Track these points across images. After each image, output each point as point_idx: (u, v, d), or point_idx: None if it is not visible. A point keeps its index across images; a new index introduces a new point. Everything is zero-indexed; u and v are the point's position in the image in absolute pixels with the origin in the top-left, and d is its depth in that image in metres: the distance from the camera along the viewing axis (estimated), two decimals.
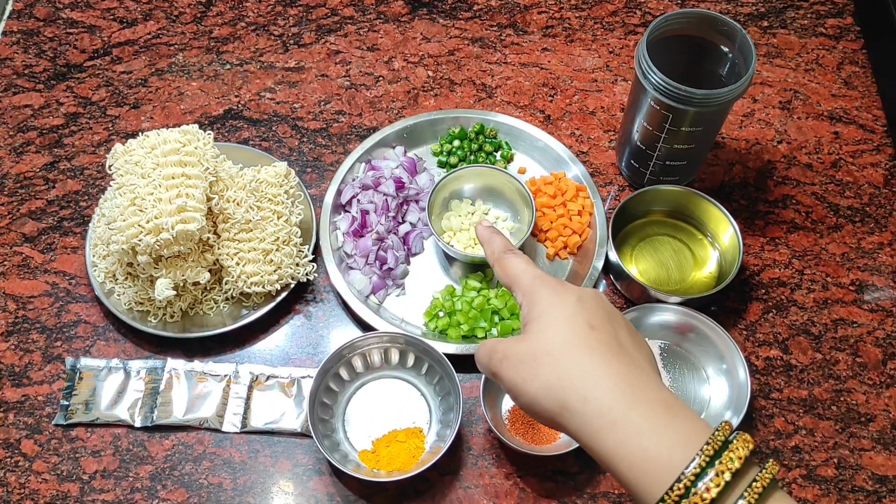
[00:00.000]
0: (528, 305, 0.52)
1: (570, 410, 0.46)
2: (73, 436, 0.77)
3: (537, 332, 0.50)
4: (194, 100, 0.97)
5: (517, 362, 0.49)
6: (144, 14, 1.04)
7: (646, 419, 0.45)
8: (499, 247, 0.57)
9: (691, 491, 0.42)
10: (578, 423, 0.46)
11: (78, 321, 0.83)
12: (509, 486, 0.74)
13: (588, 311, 0.49)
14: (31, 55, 1.01)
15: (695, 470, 0.42)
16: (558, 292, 0.51)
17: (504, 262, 0.55)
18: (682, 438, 0.44)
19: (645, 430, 0.44)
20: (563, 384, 0.47)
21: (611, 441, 0.45)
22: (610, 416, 0.45)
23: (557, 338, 0.48)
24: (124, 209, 0.74)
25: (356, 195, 0.88)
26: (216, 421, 0.77)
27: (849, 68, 1.00)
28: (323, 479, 0.75)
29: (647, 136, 0.81)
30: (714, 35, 0.79)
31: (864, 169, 0.93)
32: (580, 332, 0.48)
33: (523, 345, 0.50)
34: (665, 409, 0.45)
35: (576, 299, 0.50)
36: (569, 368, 0.47)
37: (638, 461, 0.44)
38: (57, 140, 0.94)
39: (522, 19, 1.04)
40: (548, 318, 0.50)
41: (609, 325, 0.49)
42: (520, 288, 0.53)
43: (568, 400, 0.46)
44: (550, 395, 0.47)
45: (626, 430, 0.45)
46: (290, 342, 0.82)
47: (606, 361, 0.47)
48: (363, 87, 0.99)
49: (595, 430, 0.46)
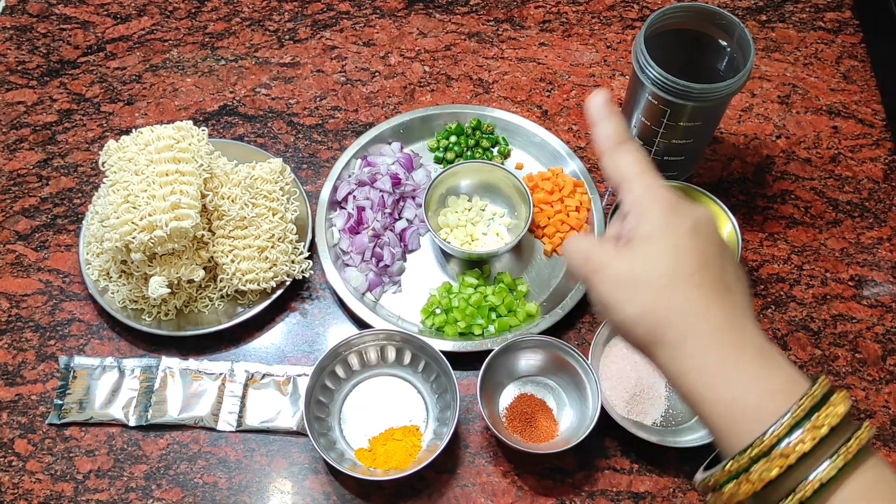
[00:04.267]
0: (635, 217, 0.47)
1: (665, 345, 0.45)
2: (67, 435, 0.76)
3: (642, 254, 0.46)
4: (189, 96, 0.97)
5: (614, 280, 0.47)
6: (138, 10, 1.03)
7: (742, 367, 0.43)
8: (610, 135, 0.50)
9: (782, 442, 0.40)
10: (670, 358, 0.45)
11: (72, 319, 0.82)
12: (506, 485, 0.74)
13: (701, 246, 0.46)
14: (24, 51, 1.00)
15: (789, 422, 0.40)
16: (673, 212, 0.47)
17: (617, 156, 0.49)
18: (778, 389, 0.42)
19: (740, 377, 0.43)
20: (662, 318, 0.45)
21: (701, 383, 0.44)
22: (705, 358, 0.44)
23: (664, 268, 0.45)
24: (118, 206, 0.73)
25: (352, 191, 0.87)
26: (211, 420, 0.76)
27: (848, 62, 0.99)
28: (319, 478, 0.75)
29: (644, 131, 0.81)
30: (712, 29, 0.78)
31: (863, 163, 0.92)
32: (689, 267, 0.45)
33: (624, 263, 0.47)
34: (763, 358, 0.44)
35: (690, 228, 0.46)
36: (670, 302, 0.45)
37: (728, 407, 0.43)
38: (50, 137, 0.93)
39: (519, 14, 1.04)
40: (657, 244, 0.46)
41: (720, 262, 0.47)
42: (630, 193, 0.48)
43: (664, 334, 0.45)
44: (646, 325, 0.45)
45: (720, 375, 0.43)
46: (286, 340, 0.82)
47: (710, 303, 0.45)
48: (359, 82, 0.98)
49: (686, 369, 0.44)
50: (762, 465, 0.40)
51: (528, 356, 0.77)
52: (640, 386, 0.76)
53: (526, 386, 0.78)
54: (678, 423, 0.76)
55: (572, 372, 0.75)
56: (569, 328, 0.82)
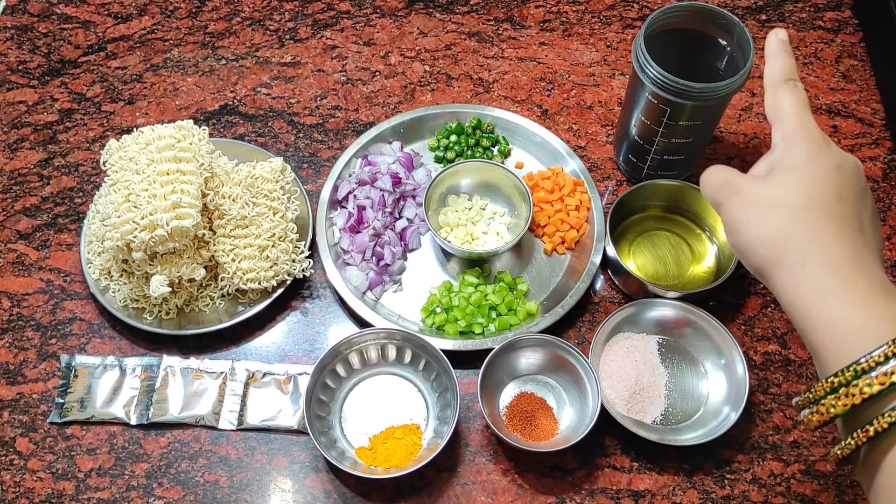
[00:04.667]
0: (783, 150, 0.50)
1: (786, 267, 0.46)
2: (68, 434, 0.76)
3: (783, 182, 0.48)
4: (189, 95, 0.97)
5: (749, 202, 0.49)
6: (139, 9, 1.03)
7: (859, 294, 0.44)
8: (780, 70, 0.53)
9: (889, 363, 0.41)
10: (788, 280, 0.46)
11: (73, 318, 0.82)
12: (507, 483, 0.74)
13: (842, 182, 0.48)
14: (25, 51, 1.00)
15: (888, 351, 0.41)
16: (820, 150, 0.49)
17: (778, 92, 0.52)
18: (892, 320, 0.43)
19: (856, 303, 0.44)
20: (789, 240, 0.46)
21: (816, 305, 0.45)
22: (823, 281, 0.45)
23: (801, 195, 0.47)
24: (119, 205, 0.73)
25: (352, 191, 0.87)
26: (212, 418, 0.77)
27: (847, 62, 0.99)
28: (320, 477, 0.75)
29: (644, 130, 0.81)
30: (712, 28, 0.78)
31: (862, 163, 0.92)
32: (827, 199, 0.47)
33: (763, 188, 0.49)
34: (881, 290, 0.45)
35: (836, 165, 0.48)
36: (800, 227, 0.46)
37: (836, 331, 0.44)
38: (51, 136, 0.94)
39: (519, 13, 1.04)
40: (799, 173, 0.48)
41: (858, 202, 0.48)
42: (782, 128, 0.51)
43: (787, 256, 0.46)
44: (771, 247, 0.47)
45: (836, 298, 0.44)
46: (287, 339, 0.82)
47: (841, 234, 0.46)
48: (359, 82, 0.98)
49: (804, 291, 0.45)
50: (864, 381, 0.42)
51: (529, 355, 0.78)
52: (639, 384, 0.76)
53: (526, 384, 0.78)
54: (678, 421, 0.76)
55: (572, 370, 0.76)
56: (569, 327, 0.82)
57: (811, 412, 0.45)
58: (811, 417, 0.45)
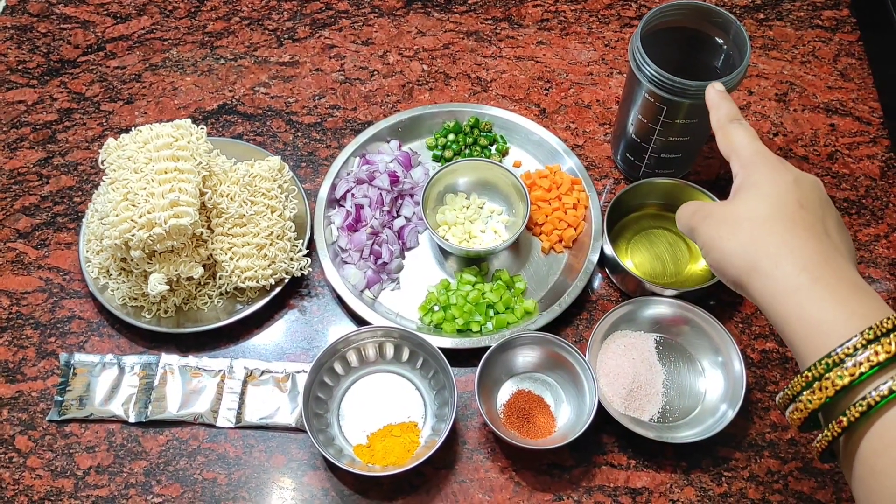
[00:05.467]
0: (743, 176, 0.54)
1: (759, 272, 0.49)
2: (67, 431, 0.77)
3: (747, 199, 0.52)
4: (188, 95, 0.97)
5: (719, 221, 0.52)
6: (138, 9, 1.04)
7: (830, 291, 0.46)
8: (725, 114, 0.58)
9: (858, 354, 0.42)
10: (762, 284, 0.48)
11: (72, 317, 0.83)
12: (504, 480, 0.74)
13: (801, 192, 0.51)
14: (25, 51, 1.00)
15: (866, 337, 0.43)
16: (777, 169, 0.53)
17: (728, 130, 0.57)
18: (863, 314, 0.44)
19: (826, 299, 0.46)
20: (759, 248, 0.49)
21: (790, 304, 0.47)
22: (796, 281, 0.47)
23: (764, 207, 0.51)
24: (117, 204, 0.73)
25: (350, 189, 0.87)
26: (210, 416, 0.77)
27: (845, 60, 1.00)
28: (318, 474, 0.75)
29: (641, 128, 0.81)
30: (708, 27, 0.78)
31: (860, 161, 0.92)
32: (789, 207, 0.50)
33: (729, 207, 0.53)
34: (852, 287, 0.46)
35: (793, 179, 0.52)
36: (768, 235, 0.49)
37: (812, 326, 0.45)
38: (50, 136, 0.94)
39: (517, 13, 1.04)
40: (759, 189, 0.52)
41: (819, 209, 0.51)
42: (739, 159, 0.55)
43: (760, 261, 0.49)
44: (743, 256, 0.50)
45: (808, 296, 0.46)
46: (285, 337, 0.82)
47: (807, 238, 0.49)
48: (358, 81, 0.98)
49: (778, 292, 0.48)
50: (835, 373, 0.43)
51: (526, 353, 0.78)
52: (637, 382, 0.76)
53: (523, 382, 0.78)
54: (675, 419, 0.76)
55: (570, 368, 0.76)
56: (566, 325, 0.82)
57: (792, 409, 0.46)
58: (793, 416, 0.46)
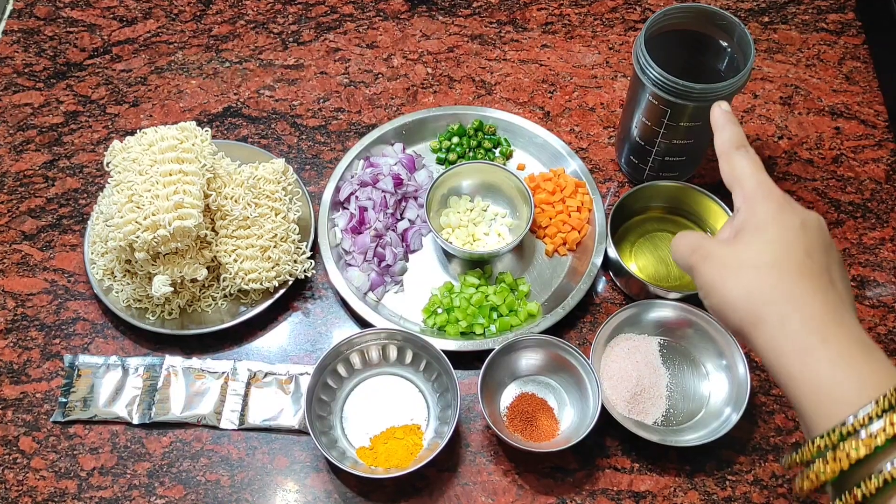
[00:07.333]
0: (747, 211, 0.51)
1: (765, 325, 0.47)
2: (70, 433, 0.77)
3: (751, 242, 0.49)
4: (193, 98, 0.97)
5: (721, 264, 0.50)
6: (144, 12, 1.04)
7: (840, 353, 0.44)
8: (729, 138, 0.55)
9: (872, 425, 0.41)
10: (768, 339, 0.46)
11: (76, 318, 0.83)
12: (507, 483, 0.74)
13: (808, 239, 0.49)
14: (32, 54, 1.01)
15: (881, 406, 0.41)
16: (783, 209, 0.50)
17: (733, 158, 0.54)
18: (873, 378, 0.43)
19: (837, 362, 0.44)
20: (765, 299, 0.47)
21: (798, 365, 0.45)
22: (805, 341, 0.45)
23: (771, 254, 0.48)
24: (122, 206, 0.74)
25: (354, 192, 0.87)
26: (214, 418, 0.77)
27: (850, 63, 0.99)
28: (321, 476, 0.75)
29: (645, 131, 0.81)
30: (713, 29, 0.78)
31: (865, 164, 0.92)
32: (796, 256, 0.48)
33: (733, 250, 0.50)
34: (861, 348, 0.45)
35: (800, 223, 0.49)
36: (775, 286, 0.47)
37: (822, 389, 0.44)
38: (56, 138, 0.94)
39: (522, 16, 1.04)
40: (766, 233, 0.49)
41: (825, 257, 0.49)
42: (742, 190, 0.52)
43: (766, 315, 0.47)
44: (748, 306, 0.47)
45: (817, 358, 0.44)
46: (288, 339, 0.82)
47: (815, 290, 0.47)
48: (362, 84, 0.98)
49: (785, 350, 0.46)
50: (850, 444, 0.41)
51: (529, 355, 0.78)
52: (640, 385, 0.76)
53: (527, 385, 0.78)
54: (679, 422, 0.76)
55: (573, 371, 0.76)
56: (570, 328, 0.82)
57: (802, 478, 0.45)
58: (803, 484, 0.45)
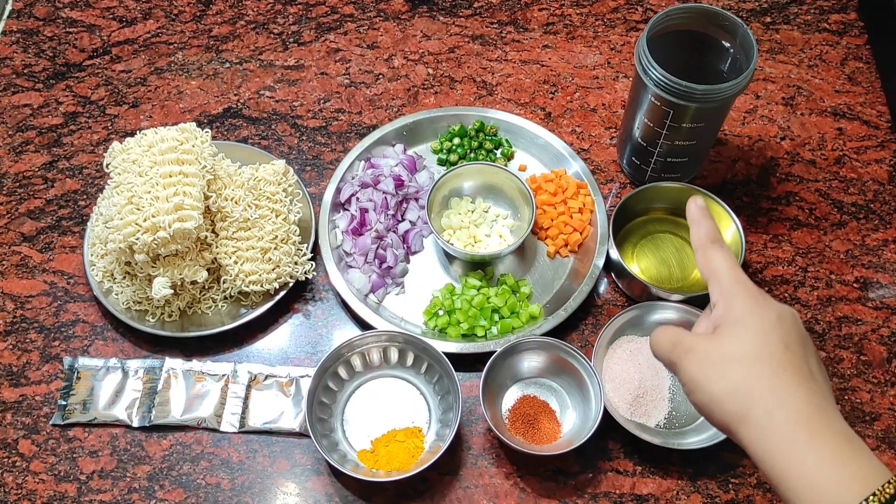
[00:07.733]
0: (724, 307, 0.52)
1: (752, 421, 0.47)
2: (70, 436, 0.76)
3: (731, 336, 0.50)
4: (193, 98, 0.97)
5: (703, 360, 0.50)
6: (144, 13, 1.04)
7: (828, 449, 0.45)
8: (705, 233, 0.57)
9: None
10: (756, 435, 0.47)
11: (76, 321, 0.83)
12: (509, 486, 0.74)
13: (785, 331, 0.50)
14: (31, 54, 1.01)
15: None
16: (759, 304, 0.51)
17: (709, 252, 0.55)
18: (861, 474, 0.44)
19: (825, 458, 0.45)
20: (751, 394, 0.48)
21: (787, 460, 0.46)
22: (793, 436, 0.46)
23: (751, 348, 0.49)
24: (121, 208, 0.73)
25: (355, 193, 0.87)
26: (214, 421, 0.76)
27: (853, 64, 0.99)
28: (321, 479, 0.75)
29: (648, 132, 0.81)
30: (715, 30, 0.78)
31: (868, 165, 0.92)
32: (775, 349, 0.49)
33: (714, 345, 0.51)
34: (847, 443, 0.46)
35: (776, 316, 0.51)
36: (758, 380, 0.48)
37: (812, 487, 0.45)
38: (56, 139, 0.94)
39: (523, 16, 1.04)
40: (744, 327, 0.50)
41: (802, 348, 0.50)
42: (719, 285, 0.53)
43: (752, 409, 0.47)
44: (733, 401, 0.48)
45: (805, 453, 0.45)
46: (289, 341, 0.82)
47: (797, 383, 0.48)
48: (363, 85, 0.98)
49: (774, 445, 0.46)
50: None
51: (531, 358, 0.77)
52: (643, 388, 0.76)
53: (529, 387, 0.78)
54: (681, 425, 0.76)
55: (575, 374, 0.75)
56: (572, 330, 0.82)
57: None
58: None
